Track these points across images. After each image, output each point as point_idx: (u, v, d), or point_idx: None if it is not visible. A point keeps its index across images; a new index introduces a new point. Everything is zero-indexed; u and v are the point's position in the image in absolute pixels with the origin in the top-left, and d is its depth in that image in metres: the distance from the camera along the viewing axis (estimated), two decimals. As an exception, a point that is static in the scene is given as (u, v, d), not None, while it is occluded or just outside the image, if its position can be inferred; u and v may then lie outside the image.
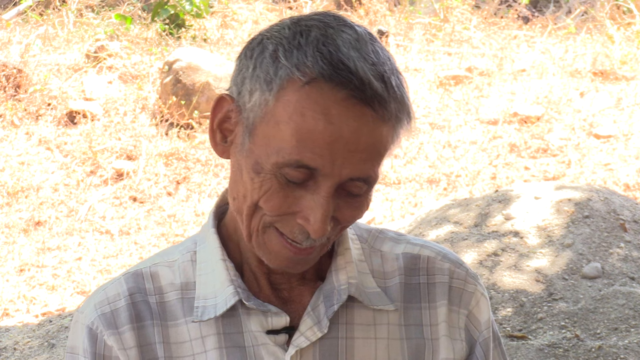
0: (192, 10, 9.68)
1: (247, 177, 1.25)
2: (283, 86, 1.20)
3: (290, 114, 1.20)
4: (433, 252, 1.40)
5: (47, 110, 8.04)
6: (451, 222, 5.12)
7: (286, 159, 1.20)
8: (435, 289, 1.38)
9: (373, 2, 10.24)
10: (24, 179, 7.22)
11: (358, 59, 1.20)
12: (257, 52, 1.24)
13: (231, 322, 1.32)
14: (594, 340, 4.20)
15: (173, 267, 1.37)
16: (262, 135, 1.22)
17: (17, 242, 6.51)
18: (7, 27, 9.51)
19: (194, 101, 7.78)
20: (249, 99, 1.24)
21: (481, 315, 1.40)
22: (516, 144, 7.32)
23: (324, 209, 1.22)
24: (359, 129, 1.20)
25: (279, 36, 1.23)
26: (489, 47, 9.29)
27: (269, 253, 1.28)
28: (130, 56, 8.95)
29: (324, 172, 1.21)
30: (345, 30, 1.23)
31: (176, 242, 6.45)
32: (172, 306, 1.34)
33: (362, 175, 1.23)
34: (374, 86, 1.19)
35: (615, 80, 8.36)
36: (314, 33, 1.22)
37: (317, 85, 1.19)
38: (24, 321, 5.45)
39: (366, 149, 1.21)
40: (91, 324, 1.34)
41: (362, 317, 1.34)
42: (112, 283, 1.37)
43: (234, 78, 1.27)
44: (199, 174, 7.31)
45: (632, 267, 4.71)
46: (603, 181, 6.67)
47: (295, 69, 1.20)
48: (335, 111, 1.19)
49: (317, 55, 1.19)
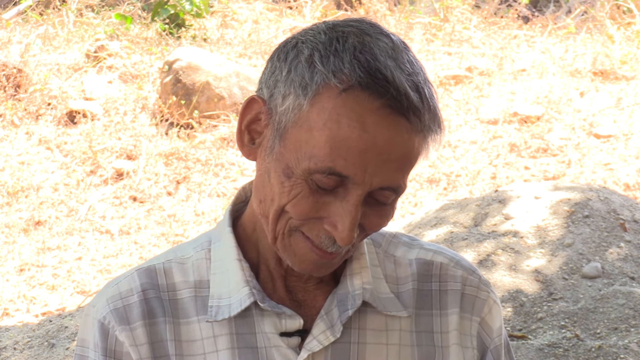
0: (192, 10, 9.68)
1: (275, 181, 1.24)
2: (319, 92, 1.20)
3: (325, 121, 1.19)
4: (446, 258, 1.40)
5: (47, 110, 8.04)
6: (451, 221, 5.12)
7: (318, 166, 1.20)
8: (448, 296, 1.38)
9: (373, 2, 10.24)
10: (24, 178, 7.22)
11: (395, 69, 1.19)
12: (291, 55, 1.23)
13: (244, 323, 1.32)
14: (594, 340, 4.20)
15: (187, 264, 1.36)
16: (293, 140, 1.22)
17: (17, 242, 6.51)
18: (7, 26, 9.51)
19: (194, 101, 7.78)
20: (281, 102, 1.23)
21: (493, 323, 1.40)
22: (516, 143, 7.32)
23: (352, 217, 1.22)
24: (392, 138, 1.19)
25: (314, 41, 1.23)
26: (489, 47, 9.29)
27: (294, 256, 1.27)
28: (130, 56, 8.95)
29: (355, 180, 1.21)
30: (382, 39, 1.23)
31: (176, 242, 6.46)
32: (184, 304, 1.34)
33: (392, 184, 1.23)
34: (410, 97, 1.19)
35: (615, 80, 8.36)
36: (351, 40, 1.21)
37: (354, 93, 1.19)
38: (24, 321, 5.45)
39: (398, 158, 1.21)
40: (103, 318, 1.33)
41: (375, 322, 1.34)
42: (125, 277, 1.36)
43: (266, 80, 1.26)
44: (199, 174, 7.31)
45: (632, 267, 4.71)
46: (603, 181, 6.67)
47: (331, 75, 1.19)
48: (370, 120, 1.19)
49: (355, 63, 1.19)
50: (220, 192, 7.08)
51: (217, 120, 7.82)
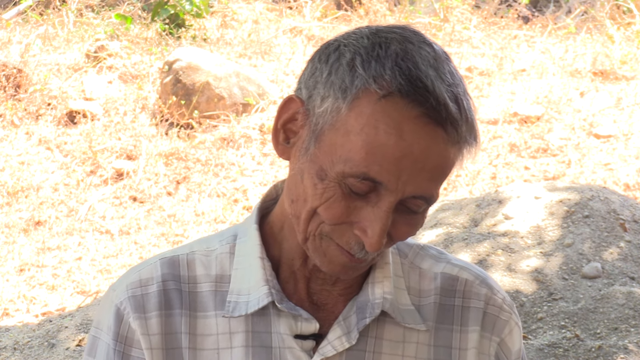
0: (192, 10, 9.68)
1: (309, 182, 1.24)
2: (358, 96, 1.20)
3: (362, 125, 1.19)
4: (472, 275, 1.40)
5: (47, 110, 8.04)
6: (450, 221, 5.12)
7: (353, 170, 1.20)
8: (469, 313, 1.37)
9: (373, 2, 10.24)
10: (24, 178, 7.22)
11: (435, 78, 1.19)
12: (333, 58, 1.23)
13: (261, 321, 1.32)
14: (594, 340, 4.20)
15: (210, 256, 1.36)
16: (329, 142, 1.22)
17: (17, 242, 6.51)
18: (7, 26, 9.51)
19: (194, 101, 7.78)
20: (319, 104, 1.23)
21: (513, 345, 1.39)
22: (516, 143, 7.32)
23: (382, 223, 1.22)
24: (429, 148, 1.19)
25: (357, 45, 1.22)
26: (489, 47, 9.29)
27: (324, 256, 1.27)
28: (130, 56, 8.95)
29: (388, 186, 1.21)
30: (424, 48, 1.22)
31: (176, 242, 6.46)
32: (203, 297, 1.34)
33: (425, 194, 1.23)
34: (449, 108, 1.19)
35: (615, 80, 8.36)
36: (393, 47, 1.21)
37: (393, 99, 1.19)
38: (24, 321, 5.45)
39: (433, 168, 1.21)
40: (120, 303, 1.34)
41: (392, 333, 1.34)
42: (147, 265, 1.37)
43: (305, 80, 1.26)
44: (199, 174, 7.31)
45: (632, 267, 4.71)
46: (603, 181, 6.67)
47: (372, 80, 1.19)
48: (408, 128, 1.18)
49: (396, 70, 1.19)
50: (220, 192, 7.08)
51: (217, 121, 7.82)
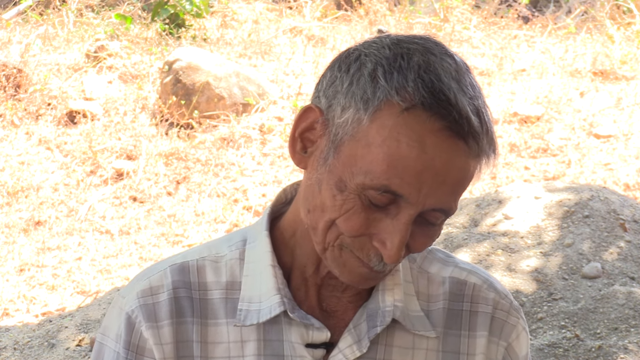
0: (192, 10, 9.68)
1: (327, 193, 1.23)
2: (380, 108, 1.19)
3: (384, 138, 1.18)
4: (480, 279, 1.40)
5: (47, 110, 8.04)
6: (451, 221, 5.13)
7: (374, 182, 1.19)
8: (478, 318, 1.37)
9: (373, 2, 10.24)
10: (24, 178, 7.22)
11: (458, 91, 1.19)
12: (354, 67, 1.22)
13: (273, 329, 1.31)
14: (594, 340, 4.20)
15: (220, 262, 1.35)
16: (349, 154, 1.21)
17: (17, 242, 6.51)
18: (7, 26, 9.51)
19: (194, 101, 7.78)
20: (340, 114, 1.21)
21: (520, 350, 1.40)
22: (516, 143, 7.32)
23: (402, 236, 1.21)
24: (450, 161, 1.19)
25: (378, 55, 1.21)
26: (489, 47, 9.29)
27: (343, 267, 1.26)
28: (130, 56, 8.95)
29: (409, 199, 1.20)
30: (446, 59, 1.23)
31: (176, 242, 6.46)
32: (214, 304, 1.33)
33: (444, 206, 1.22)
34: (471, 121, 1.19)
35: (615, 80, 8.36)
36: (415, 58, 1.21)
37: (416, 112, 1.18)
38: (24, 321, 5.45)
39: (453, 181, 1.21)
40: (131, 312, 1.33)
41: (402, 340, 1.33)
42: (157, 271, 1.35)
43: (325, 89, 1.25)
44: (199, 174, 7.31)
45: (632, 267, 4.71)
46: (603, 181, 6.67)
47: (394, 92, 1.18)
48: (430, 141, 1.18)
49: (419, 82, 1.18)
50: (220, 192, 7.08)
51: (217, 120, 7.82)
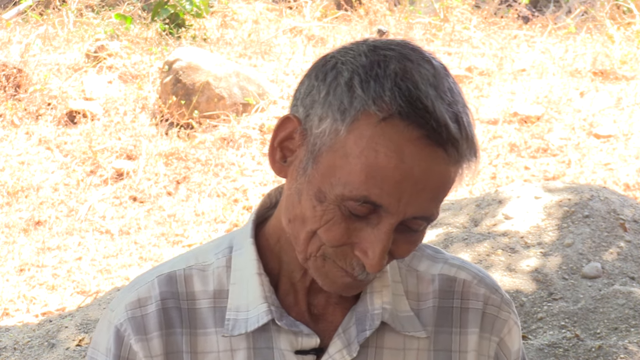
0: (192, 9, 9.69)
1: (307, 204, 1.22)
2: (357, 118, 1.18)
3: (362, 149, 1.17)
4: (470, 275, 1.39)
5: (47, 110, 8.04)
6: (450, 221, 5.12)
7: (353, 193, 1.18)
8: (468, 314, 1.37)
9: (373, 2, 10.24)
10: (24, 178, 7.22)
11: (435, 98, 1.17)
12: (331, 76, 1.21)
13: (262, 337, 1.31)
14: (594, 340, 4.20)
15: (207, 271, 1.34)
16: (327, 164, 1.20)
17: (17, 242, 6.51)
18: (7, 26, 9.51)
19: (194, 101, 7.78)
20: (317, 124, 1.21)
21: (512, 344, 1.39)
22: (516, 143, 7.32)
23: (383, 245, 1.21)
24: (429, 169, 1.18)
25: (355, 63, 1.20)
26: (489, 47, 9.29)
27: (326, 277, 1.26)
28: (130, 56, 8.95)
29: (389, 209, 1.19)
30: (424, 65, 1.20)
31: (176, 242, 6.46)
32: (202, 314, 1.32)
33: (426, 214, 1.22)
34: (449, 128, 1.17)
35: (615, 80, 8.36)
36: (392, 65, 1.19)
37: (393, 122, 1.17)
38: (24, 321, 5.45)
39: (433, 189, 1.20)
40: (120, 325, 1.32)
41: (393, 341, 1.33)
42: (145, 283, 1.35)
43: (302, 98, 1.24)
44: (199, 174, 7.31)
45: (632, 266, 4.71)
46: (603, 181, 6.67)
47: (371, 102, 1.17)
48: (408, 150, 1.17)
49: (396, 91, 1.17)
50: (220, 192, 7.08)
51: (217, 120, 7.82)
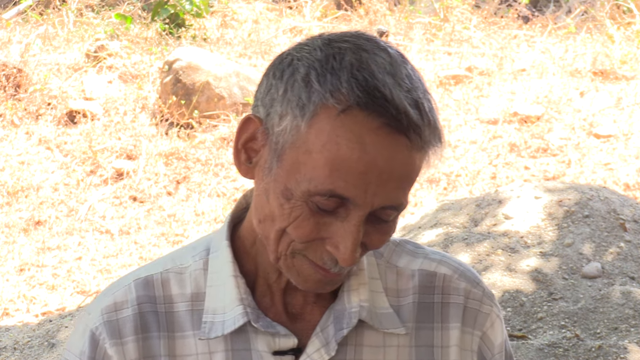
0: (192, 9, 9.69)
1: (275, 202, 1.22)
2: (316, 112, 1.17)
3: (323, 143, 1.17)
4: (450, 269, 1.38)
5: (47, 110, 8.05)
6: (450, 222, 5.12)
7: (318, 188, 1.18)
8: (450, 309, 1.36)
9: (373, 1, 10.24)
10: (24, 178, 7.22)
11: (393, 86, 1.17)
12: (287, 73, 1.20)
13: (240, 339, 1.30)
14: (594, 340, 4.20)
15: (184, 274, 1.34)
16: (291, 162, 1.19)
17: (17, 242, 6.51)
18: (7, 26, 9.51)
19: (194, 101, 7.79)
20: (278, 123, 1.20)
21: (495, 337, 1.38)
22: (516, 143, 7.32)
23: (354, 238, 1.20)
24: (392, 157, 1.17)
25: (310, 58, 1.20)
26: (489, 47, 9.29)
27: (298, 275, 1.26)
28: (130, 56, 8.95)
29: (356, 201, 1.19)
30: (379, 54, 1.20)
31: (176, 242, 6.46)
32: (180, 317, 1.32)
33: (394, 203, 1.21)
34: (410, 115, 1.17)
35: (615, 80, 8.36)
36: (347, 57, 1.19)
37: (352, 113, 1.16)
38: (24, 321, 5.45)
39: (399, 177, 1.19)
40: (95, 329, 1.32)
41: (372, 338, 1.32)
42: (122, 287, 1.35)
43: (262, 98, 1.23)
44: (199, 174, 7.31)
45: (632, 266, 4.71)
46: (603, 181, 6.67)
47: (329, 95, 1.17)
48: (369, 140, 1.16)
49: (352, 82, 1.16)
50: (220, 192, 7.08)
51: (217, 120, 7.82)
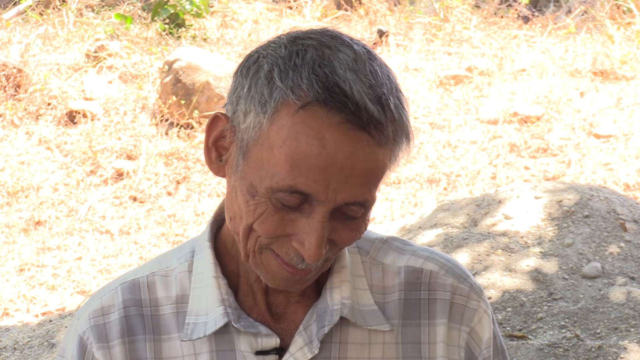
0: (192, 9, 9.69)
1: (241, 199, 1.23)
2: (277, 109, 1.18)
3: (284, 139, 1.18)
4: (437, 265, 1.37)
5: (47, 110, 8.04)
6: (450, 221, 5.12)
7: (280, 185, 1.18)
8: (436, 305, 1.35)
9: (373, 2, 10.24)
10: (24, 178, 7.22)
11: (354, 82, 1.17)
12: (252, 71, 1.22)
13: (224, 340, 1.31)
14: (594, 340, 4.20)
15: (170, 276, 1.35)
16: (255, 158, 1.20)
17: (17, 242, 6.51)
18: (7, 26, 9.51)
19: (194, 101, 7.78)
20: (243, 120, 1.21)
21: (483, 333, 1.37)
22: (516, 143, 7.32)
23: (318, 234, 1.20)
24: (354, 153, 1.17)
25: (275, 55, 1.20)
26: (489, 47, 9.29)
27: (267, 273, 1.26)
28: (130, 56, 8.95)
29: (318, 197, 1.19)
30: (343, 50, 1.20)
31: (176, 242, 6.46)
32: (166, 320, 1.33)
33: (358, 199, 1.21)
34: (370, 110, 1.16)
35: (615, 80, 8.36)
36: (310, 53, 1.19)
37: (312, 109, 1.17)
38: (24, 321, 5.45)
39: (362, 173, 1.19)
40: (83, 333, 1.34)
41: (357, 336, 1.32)
42: (109, 291, 1.36)
43: (230, 96, 1.25)
44: (199, 174, 7.31)
45: (632, 266, 4.71)
46: (603, 181, 6.67)
47: (290, 91, 1.17)
48: (329, 136, 1.16)
49: (313, 78, 1.17)
50: (220, 192, 7.08)
51: (217, 120, 7.82)
